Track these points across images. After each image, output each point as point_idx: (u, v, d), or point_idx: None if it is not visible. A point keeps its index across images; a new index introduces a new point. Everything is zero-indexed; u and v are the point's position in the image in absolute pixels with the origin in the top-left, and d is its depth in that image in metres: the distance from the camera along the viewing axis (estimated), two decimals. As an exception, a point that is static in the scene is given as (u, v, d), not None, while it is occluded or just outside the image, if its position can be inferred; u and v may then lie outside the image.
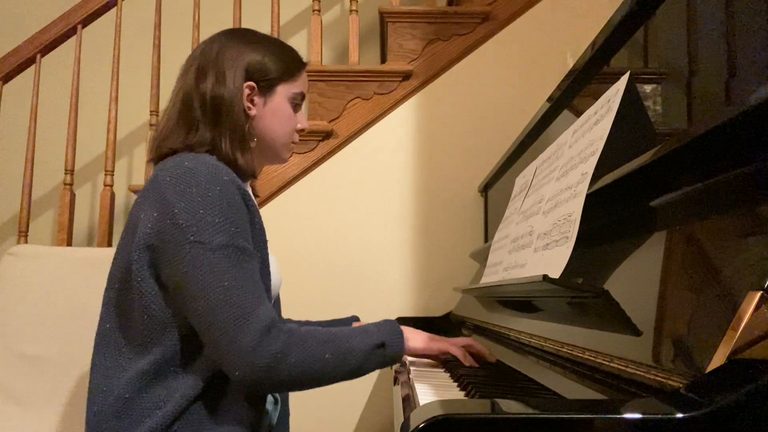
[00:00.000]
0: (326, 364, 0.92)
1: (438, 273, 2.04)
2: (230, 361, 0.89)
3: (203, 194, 0.93)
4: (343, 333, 0.97)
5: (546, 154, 1.19)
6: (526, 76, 2.09)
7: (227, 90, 1.05)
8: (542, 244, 0.97)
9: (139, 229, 0.97)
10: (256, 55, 1.08)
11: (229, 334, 0.88)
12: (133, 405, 0.95)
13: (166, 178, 0.96)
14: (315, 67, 2.12)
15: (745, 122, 0.60)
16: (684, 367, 0.56)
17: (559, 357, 0.84)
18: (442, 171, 2.09)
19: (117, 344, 1.00)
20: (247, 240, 0.96)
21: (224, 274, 0.90)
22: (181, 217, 0.92)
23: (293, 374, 0.90)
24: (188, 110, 1.06)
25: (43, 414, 1.47)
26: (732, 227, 0.62)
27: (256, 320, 0.89)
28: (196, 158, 0.98)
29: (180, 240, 0.92)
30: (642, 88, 0.93)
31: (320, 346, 0.92)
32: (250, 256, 0.95)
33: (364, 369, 0.96)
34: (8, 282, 1.57)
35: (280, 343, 0.89)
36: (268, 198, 2.05)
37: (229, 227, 0.93)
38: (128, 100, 2.44)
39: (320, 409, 1.94)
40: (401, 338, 1.00)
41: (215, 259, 0.91)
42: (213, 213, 0.93)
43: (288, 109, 1.12)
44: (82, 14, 2.16)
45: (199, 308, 0.90)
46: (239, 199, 0.97)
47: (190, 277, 0.91)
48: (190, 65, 1.09)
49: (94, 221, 2.61)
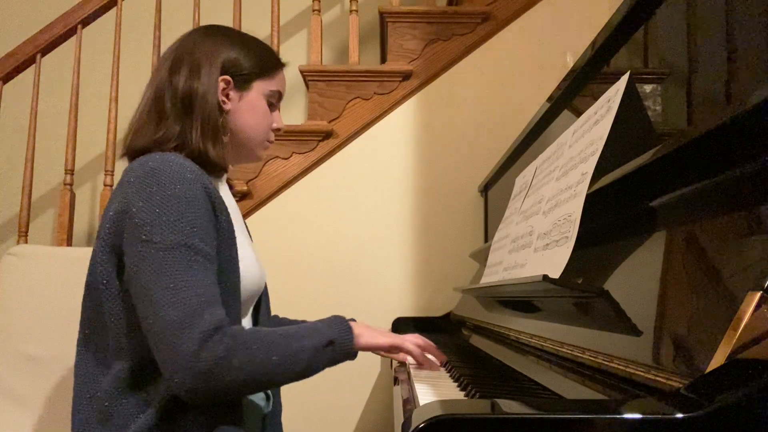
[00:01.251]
0: (273, 367, 0.89)
1: (438, 273, 2.04)
2: (168, 365, 0.86)
3: (162, 193, 0.91)
4: (291, 333, 0.95)
5: (546, 154, 1.19)
6: (526, 76, 2.09)
7: (201, 83, 1.04)
8: (542, 244, 0.97)
9: (103, 231, 0.97)
10: (233, 50, 1.07)
11: (168, 337, 0.85)
12: (115, 411, 0.94)
13: (130, 179, 0.95)
14: (315, 67, 2.12)
15: (745, 122, 0.60)
16: (684, 367, 0.56)
17: (559, 357, 0.84)
18: (442, 171, 2.09)
19: (94, 350, 0.99)
20: (205, 241, 0.92)
21: (172, 275, 0.87)
22: (138, 215, 0.91)
23: (237, 380, 0.86)
24: (159, 103, 1.04)
25: (43, 414, 1.47)
26: (732, 227, 0.62)
27: (199, 324, 0.85)
28: (161, 158, 0.96)
29: (134, 238, 0.90)
30: (642, 88, 0.93)
31: (266, 348, 0.89)
32: (205, 258, 0.91)
33: (313, 368, 0.95)
34: (8, 282, 1.57)
35: (222, 348, 0.85)
36: (268, 198, 2.05)
37: (185, 226, 0.90)
38: (128, 100, 2.43)
39: (320, 409, 1.94)
40: (350, 334, 0.99)
41: (165, 259, 0.88)
42: (169, 212, 0.90)
43: (264, 106, 1.11)
44: (82, 14, 2.16)
45: (145, 308, 0.88)
46: (202, 197, 0.94)
47: (139, 276, 0.89)
48: (164, 60, 1.08)
49: (94, 221, 2.62)
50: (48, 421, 1.47)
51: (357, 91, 2.09)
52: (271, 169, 2.03)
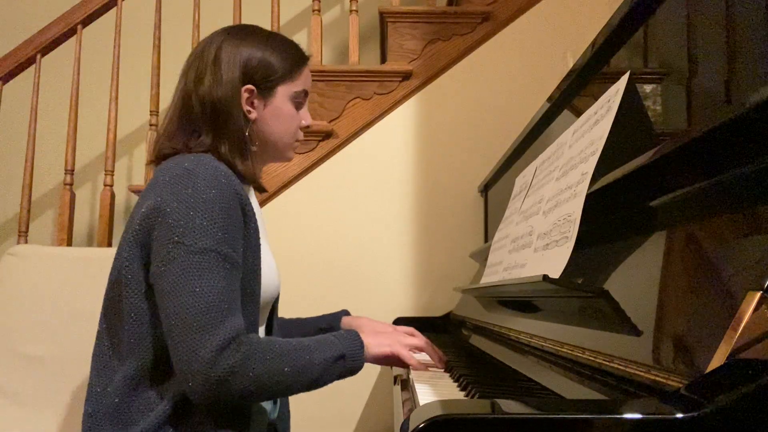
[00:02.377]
0: (284, 377, 0.90)
1: (438, 273, 2.04)
2: (184, 368, 0.87)
3: (197, 196, 0.92)
4: (304, 345, 0.95)
5: (546, 154, 1.19)
6: (526, 76, 2.09)
7: (225, 94, 1.03)
8: (542, 244, 0.97)
9: (133, 226, 0.97)
10: (254, 57, 1.06)
11: (188, 341, 0.86)
12: (124, 409, 0.94)
13: (165, 178, 0.96)
14: (315, 67, 2.12)
15: (745, 122, 0.60)
16: (684, 367, 0.56)
17: (559, 357, 0.84)
18: (442, 171, 2.09)
19: (108, 346, 1.00)
20: (234, 248, 0.94)
21: (199, 279, 0.88)
22: (172, 216, 0.92)
23: (249, 388, 0.88)
24: (188, 113, 1.05)
25: (43, 414, 1.47)
26: (732, 227, 0.62)
27: (220, 332, 0.86)
28: (197, 159, 0.97)
29: (166, 238, 0.91)
30: (642, 88, 0.93)
31: (279, 359, 0.90)
32: (233, 265, 0.93)
33: (322, 381, 0.95)
34: (8, 282, 1.57)
35: (238, 357, 0.87)
36: (268, 198, 2.05)
37: (217, 232, 0.92)
38: (128, 100, 2.44)
39: (320, 409, 1.94)
40: (361, 350, 1.00)
41: (194, 262, 0.89)
42: (203, 216, 0.91)
43: (290, 108, 1.10)
44: (82, 14, 2.16)
45: (168, 308, 0.89)
46: (235, 204, 0.96)
47: (166, 276, 0.90)
48: (189, 65, 1.09)
49: (94, 221, 2.61)
50: (48, 421, 1.47)
51: (357, 91, 2.09)
52: (271, 169, 2.03)
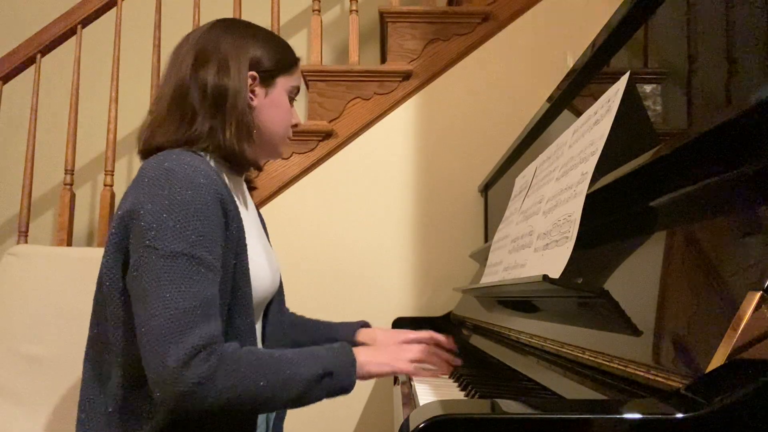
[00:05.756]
0: (260, 392, 0.84)
1: (438, 273, 2.04)
2: (152, 377, 0.82)
3: (171, 197, 0.88)
4: (287, 357, 0.89)
5: (546, 154, 1.19)
6: (526, 76, 2.09)
7: (232, 80, 1.01)
8: (542, 244, 0.97)
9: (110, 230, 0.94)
10: (258, 47, 1.05)
11: (155, 349, 0.81)
12: (119, 419, 0.92)
13: (144, 179, 0.92)
14: (315, 67, 2.12)
15: (745, 122, 0.60)
16: (684, 367, 0.56)
17: (559, 357, 0.84)
18: (442, 171, 2.09)
19: (99, 352, 0.97)
20: (211, 251, 0.88)
21: (169, 285, 0.84)
22: (145, 218, 0.87)
23: (219, 401, 0.82)
24: (183, 99, 1.00)
25: (43, 414, 1.47)
26: (732, 227, 0.62)
27: (188, 340, 0.81)
28: (178, 159, 0.92)
29: (139, 242, 0.88)
30: (642, 88, 0.93)
31: (254, 372, 0.85)
32: (209, 269, 0.87)
33: (308, 398, 0.89)
34: (8, 282, 1.57)
35: (207, 368, 0.81)
36: (268, 198, 2.05)
37: (190, 235, 0.87)
38: (128, 100, 2.44)
39: (320, 409, 1.94)
40: (353, 368, 0.93)
41: (165, 267, 0.85)
42: (176, 218, 0.87)
43: (286, 102, 1.10)
44: (82, 14, 2.16)
45: (139, 315, 0.85)
46: (214, 205, 0.91)
47: (138, 281, 0.86)
48: (184, 53, 1.04)
49: (94, 221, 2.62)
50: (47, 421, 1.47)
51: (357, 91, 2.09)
52: (270, 168, 2.03)
